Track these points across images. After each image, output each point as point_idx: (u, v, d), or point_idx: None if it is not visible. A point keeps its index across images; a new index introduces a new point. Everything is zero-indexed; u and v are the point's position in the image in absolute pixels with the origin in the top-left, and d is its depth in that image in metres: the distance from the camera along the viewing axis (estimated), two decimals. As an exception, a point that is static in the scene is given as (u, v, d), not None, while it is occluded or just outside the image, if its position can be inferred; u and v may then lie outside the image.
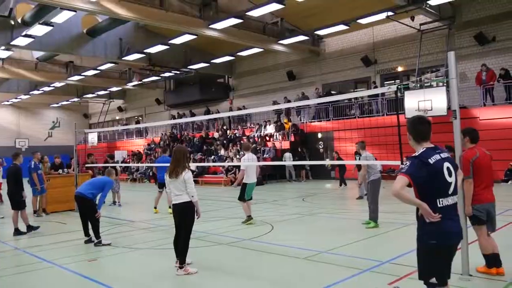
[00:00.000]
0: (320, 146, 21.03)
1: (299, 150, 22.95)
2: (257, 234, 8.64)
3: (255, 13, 17.84)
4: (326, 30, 21.06)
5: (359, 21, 19.18)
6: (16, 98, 37.36)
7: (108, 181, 8.48)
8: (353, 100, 22.41)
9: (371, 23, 20.62)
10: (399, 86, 6.13)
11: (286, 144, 23.55)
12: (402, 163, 4.74)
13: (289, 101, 24.29)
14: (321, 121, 23.92)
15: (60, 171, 14.20)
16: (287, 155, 21.88)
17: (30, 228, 9.75)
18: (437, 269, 3.39)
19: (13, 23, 19.00)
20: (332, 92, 23.64)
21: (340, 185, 18.36)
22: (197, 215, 6.11)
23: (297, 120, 25.25)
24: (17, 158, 9.74)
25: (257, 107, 23.09)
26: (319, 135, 23.45)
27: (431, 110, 7.66)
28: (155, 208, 12.37)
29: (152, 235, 9.36)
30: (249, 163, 9.96)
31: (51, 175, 13.66)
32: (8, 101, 38.51)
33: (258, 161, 14.15)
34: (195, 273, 5.96)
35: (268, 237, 8.45)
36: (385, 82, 22.74)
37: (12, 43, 19.44)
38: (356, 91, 23.05)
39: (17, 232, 9.48)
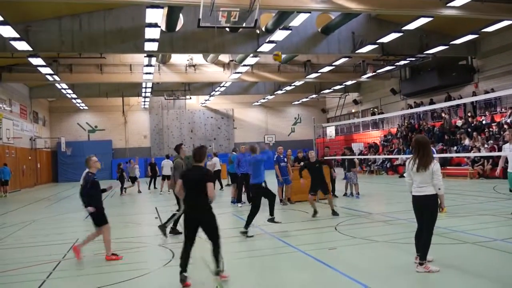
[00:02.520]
0: None
1: None
2: (512, 235, 7.52)
3: (503, -20, 15.50)
4: None
5: None
6: (264, 99, 42.01)
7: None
8: None
9: None
10: None
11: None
12: None
13: (552, 78, 20.29)
14: None
15: (302, 163, 15.27)
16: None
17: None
18: None
19: (258, 32, 21.43)
20: None
21: None
22: (441, 208, 5.76)
23: None
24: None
25: (510, 89, 20.02)
26: None
27: None
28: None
29: (390, 228, 9.16)
30: None
31: (294, 167, 14.81)
32: (257, 102, 43.62)
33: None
34: (436, 272, 5.56)
35: (528, 238, 7.25)
36: None
37: (258, 50, 21.93)
38: None
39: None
